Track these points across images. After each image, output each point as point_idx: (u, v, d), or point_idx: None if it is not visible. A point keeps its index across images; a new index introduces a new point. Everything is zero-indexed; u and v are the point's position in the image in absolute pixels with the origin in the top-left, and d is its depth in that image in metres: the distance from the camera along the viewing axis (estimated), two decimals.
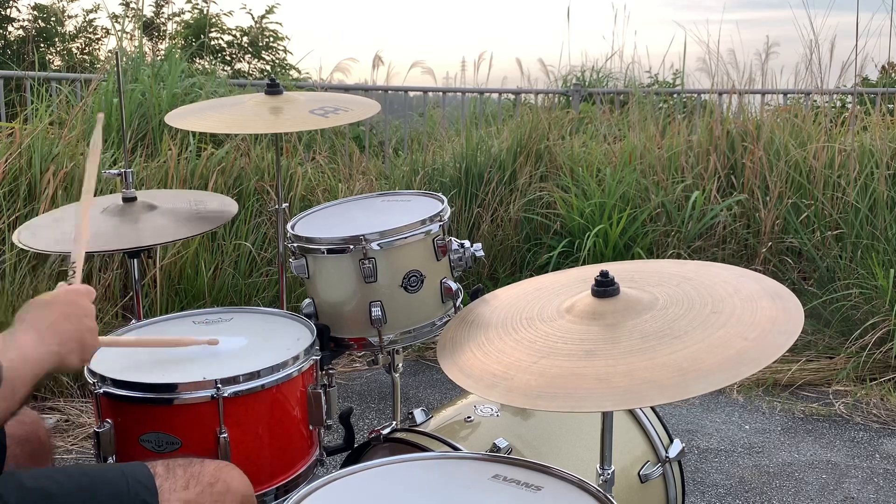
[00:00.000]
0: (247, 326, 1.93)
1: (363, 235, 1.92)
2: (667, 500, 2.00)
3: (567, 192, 4.55)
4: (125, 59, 5.21)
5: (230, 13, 10.25)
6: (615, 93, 6.83)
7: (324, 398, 1.82)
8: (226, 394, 1.63)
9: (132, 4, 9.71)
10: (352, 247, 1.93)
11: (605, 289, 1.43)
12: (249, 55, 10.18)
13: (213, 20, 9.74)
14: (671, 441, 2.02)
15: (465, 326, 1.56)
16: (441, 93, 6.91)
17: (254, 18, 10.15)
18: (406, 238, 1.95)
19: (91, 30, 10.27)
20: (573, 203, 4.45)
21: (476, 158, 4.81)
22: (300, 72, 9.20)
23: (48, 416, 3.28)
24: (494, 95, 7.39)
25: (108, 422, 1.66)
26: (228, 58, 10.06)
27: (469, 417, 1.88)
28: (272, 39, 10.22)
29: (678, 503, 2.02)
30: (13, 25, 9.90)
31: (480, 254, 2.07)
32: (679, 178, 4.71)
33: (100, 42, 10.21)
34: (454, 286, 2.03)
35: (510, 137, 4.93)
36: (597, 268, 1.47)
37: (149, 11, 9.93)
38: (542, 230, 4.59)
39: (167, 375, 1.68)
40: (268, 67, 10.04)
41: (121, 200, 2.30)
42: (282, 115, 2.38)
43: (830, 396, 3.67)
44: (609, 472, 1.51)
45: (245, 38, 10.15)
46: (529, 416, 1.92)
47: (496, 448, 1.74)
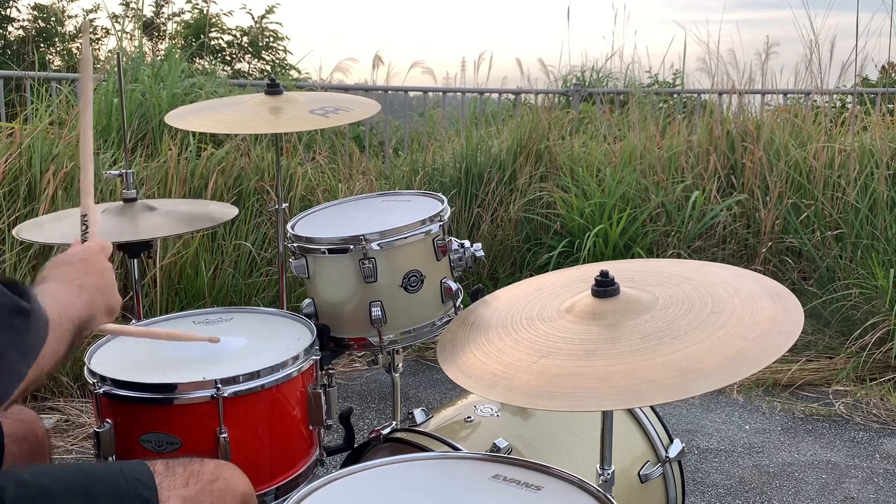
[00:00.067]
0: (247, 326, 1.93)
1: (363, 235, 1.92)
2: (667, 500, 2.00)
3: (567, 192, 4.55)
4: (125, 59, 5.21)
5: (230, 13, 10.28)
6: (615, 93, 6.83)
7: (324, 398, 1.83)
8: (226, 394, 1.63)
9: (132, 4, 9.73)
10: (352, 247, 1.93)
11: (605, 289, 1.43)
12: (249, 55, 10.18)
13: (213, 20, 9.74)
14: (671, 441, 2.02)
15: (466, 327, 1.56)
16: (441, 93, 6.91)
17: (254, 18, 10.17)
18: (406, 238, 1.95)
19: (91, 30, 10.27)
20: (573, 203, 4.45)
21: (476, 158, 4.81)
22: (300, 72, 9.21)
23: (48, 416, 3.28)
24: (494, 95, 7.39)
25: (108, 422, 1.66)
26: (228, 58, 10.06)
27: (469, 417, 1.89)
28: (272, 39, 10.23)
29: (678, 503, 2.02)
30: (13, 25, 9.91)
31: (480, 254, 2.07)
32: (679, 178, 4.71)
33: (100, 42, 10.22)
34: (454, 286, 2.03)
35: (510, 137, 4.93)
36: (597, 268, 1.47)
37: (149, 11, 9.95)
38: (542, 230, 4.59)
39: (167, 375, 1.68)
40: (268, 67, 10.04)
41: (122, 202, 2.33)
42: (282, 115, 2.38)
43: (830, 396, 3.67)
44: (609, 472, 1.51)
45: (245, 38, 10.15)
46: (529, 416, 1.92)
47: (496, 448, 1.74)
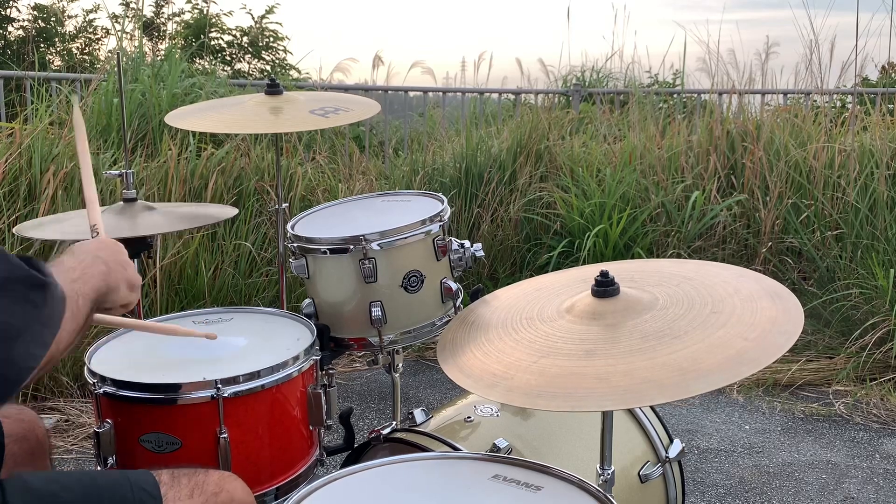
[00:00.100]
0: (247, 326, 1.93)
1: (363, 235, 1.92)
2: (667, 500, 2.00)
3: (567, 193, 4.55)
4: (125, 60, 5.21)
5: (230, 13, 10.27)
6: (615, 93, 6.83)
7: (324, 398, 1.82)
8: (226, 394, 1.63)
9: (132, 4, 9.73)
10: (352, 247, 1.93)
11: (605, 289, 1.43)
12: (249, 55, 10.18)
13: (213, 20, 9.74)
14: (671, 441, 2.02)
15: (466, 327, 1.56)
16: (441, 93, 6.91)
17: (254, 18, 10.16)
18: (406, 238, 1.95)
19: (91, 30, 10.28)
20: (573, 203, 4.45)
21: (476, 158, 4.81)
22: (300, 72, 9.21)
23: (48, 416, 3.28)
24: (494, 95, 7.39)
25: (108, 422, 1.66)
26: (228, 58, 10.06)
27: (469, 417, 1.88)
28: (272, 39, 10.22)
29: (678, 503, 2.02)
30: (13, 25, 9.90)
31: (480, 254, 2.07)
32: (679, 179, 4.71)
33: (100, 42, 10.23)
34: (454, 286, 2.03)
35: (510, 137, 4.93)
36: (597, 268, 1.47)
37: (149, 11, 9.94)
38: (542, 230, 4.59)
39: (167, 376, 1.68)
40: (268, 67, 10.04)
41: (122, 202, 2.33)
42: (282, 115, 2.38)
43: (830, 396, 3.67)
44: (609, 472, 1.51)
45: (245, 38, 10.15)
46: (529, 416, 1.92)
47: (496, 448, 1.74)
